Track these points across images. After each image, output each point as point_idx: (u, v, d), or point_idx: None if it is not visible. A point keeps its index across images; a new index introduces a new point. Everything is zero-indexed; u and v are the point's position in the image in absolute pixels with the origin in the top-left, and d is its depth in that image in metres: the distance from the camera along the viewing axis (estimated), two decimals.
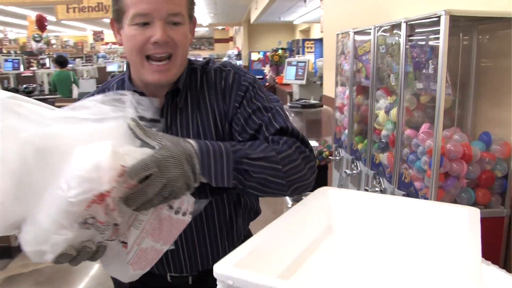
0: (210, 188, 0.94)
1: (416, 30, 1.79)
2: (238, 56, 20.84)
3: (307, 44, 13.29)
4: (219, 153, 0.93)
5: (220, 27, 26.38)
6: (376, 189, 2.08)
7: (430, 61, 1.61)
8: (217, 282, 0.72)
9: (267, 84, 10.30)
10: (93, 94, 1.18)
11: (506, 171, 1.69)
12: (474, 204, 1.68)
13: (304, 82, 6.41)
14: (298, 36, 18.38)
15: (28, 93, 7.50)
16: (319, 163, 3.94)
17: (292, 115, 4.01)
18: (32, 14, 12.48)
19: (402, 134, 1.85)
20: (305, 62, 6.49)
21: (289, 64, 6.81)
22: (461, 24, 1.81)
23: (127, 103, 0.87)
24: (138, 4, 1.04)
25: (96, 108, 0.85)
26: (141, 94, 1.12)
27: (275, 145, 1.05)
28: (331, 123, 3.57)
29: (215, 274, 0.71)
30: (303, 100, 4.34)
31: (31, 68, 11.21)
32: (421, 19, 1.69)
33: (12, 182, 0.75)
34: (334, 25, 3.86)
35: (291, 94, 7.37)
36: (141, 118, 0.87)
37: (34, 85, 7.55)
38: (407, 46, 1.79)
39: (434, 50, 1.63)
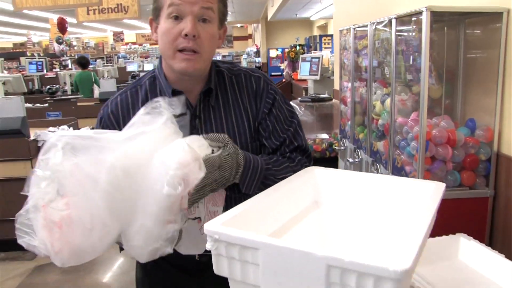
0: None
1: (406, 26, 1.91)
2: (257, 53, 20.92)
3: (324, 39, 13.34)
4: (256, 169, 1.15)
5: (238, 25, 26.44)
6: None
7: (416, 53, 1.74)
8: (207, 238, 0.86)
9: (283, 80, 10.39)
10: (125, 92, 1.33)
11: (489, 154, 1.81)
12: (460, 185, 1.81)
13: (318, 77, 6.51)
14: (316, 32, 18.35)
15: (52, 94, 7.74)
16: (329, 155, 4.07)
17: (303, 109, 4.14)
18: (54, 17, 12.78)
19: (395, 123, 1.98)
20: (318, 58, 6.58)
21: (304, 60, 6.92)
22: (448, 18, 1.93)
23: (162, 108, 1.03)
24: None
25: (143, 120, 1.01)
26: (178, 92, 1.25)
27: (291, 163, 1.28)
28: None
29: (205, 231, 0.85)
30: (314, 94, 4.46)
31: (54, 70, 11.54)
32: (406, 15, 1.82)
33: (108, 204, 0.91)
34: (344, 21, 3.97)
35: (306, 89, 7.48)
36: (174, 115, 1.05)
37: (57, 86, 7.77)
38: (397, 41, 1.92)
39: (420, 44, 1.75)
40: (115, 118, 1.29)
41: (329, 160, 3.93)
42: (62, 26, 11.79)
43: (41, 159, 0.92)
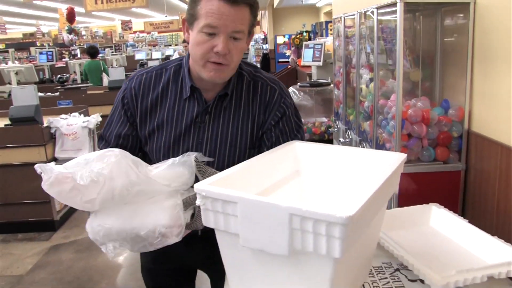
0: None
1: (386, 16, 2.07)
2: (264, 40, 20.87)
3: (331, 26, 13.31)
4: None
5: None
6: None
7: (394, 41, 1.90)
8: (197, 195, 1.01)
9: (289, 66, 10.47)
10: (151, 71, 1.42)
11: (461, 132, 1.98)
12: (434, 160, 1.97)
13: (321, 63, 6.60)
14: (323, 18, 18.26)
15: (62, 83, 7.84)
16: (327, 137, 4.24)
17: (302, 94, 4.28)
18: (63, 7, 12.87)
19: (378, 104, 2.15)
20: (321, 44, 6.68)
21: (307, 46, 7.01)
22: (426, 7, 2.08)
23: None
24: (210, 17, 1.20)
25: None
26: (196, 89, 1.35)
27: None
28: None
29: (195, 189, 1.00)
30: (313, 80, 4.60)
31: (64, 59, 11.68)
32: (385, 5, 1.98)
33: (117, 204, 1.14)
34: (342, 9, 4.09)
35: (309, 75, 7.57)
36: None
37: (67, 75, 7.91)
38: (378, 29, 2.08)
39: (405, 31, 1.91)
40: (135, 94, 1.39)
41: (326, 141, 4.09)
42: (70, 15, 11.88)
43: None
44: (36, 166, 1.08)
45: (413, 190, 1.96)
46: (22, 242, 4.31)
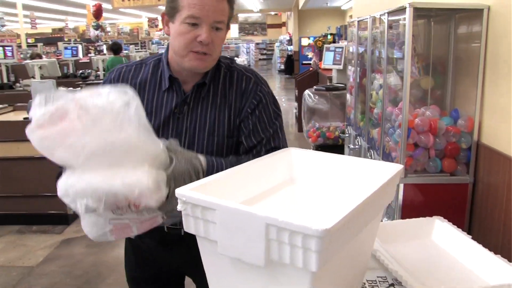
0: None
1: (396, 21, 2.02)
2: (290, 41, 20.86)
3: None
4: (220, 170, 1.20)
5: (272, 13, 26.33)
6: None
7: (403, 46, 1.85)
8: (178, 201, 1.00)
9: (311, 69, 10.42)
10: (131, 65, 1.45)
11: (470, 143, 1.91)
12: (441, 171, 1.91)
13: (341, 67, 6.53)
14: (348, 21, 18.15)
15: (84, 78, 7.96)
16: (341, 142, 4.19)
17: (317, 97, 4.24)
18: (91, 3, 13.09)
19: (385, 111, 2.10)
20: (342, 47, 6.61)
21: (328, 49, 6.96)
22: (439, 13, 2.02)
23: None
24: (193, 9, 1.25)
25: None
26: (175, 79, 1.38)
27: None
28: None
29: (176, 194, 0.98)
30: (331, 84, 4.55)
31: (89, 55, 11.88)
32: (396, 10, 1.93)
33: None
34: (360, 12, 4.04)
35: (330, 78, 7.52)
36: None
37: (89, 71, 8.03)
38: (388, 34, 2.02)
39: (414, 37, 1.86)
40: (114, 85, 1.36)
41: (339, 147, 4.04)
42: (97, 12, 12.07)
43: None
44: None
45: (417, 202, 1.90)
46: (36, 234, 4.39)
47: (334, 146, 4.16)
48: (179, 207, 1.00)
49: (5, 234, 4.39)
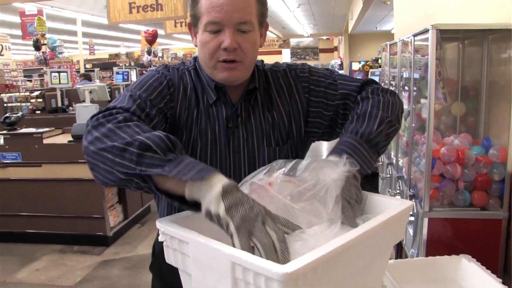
0: None
1: (423, 43, 1.91)
2: (341, 66, 20.78)
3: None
4: (359, 150, 1.08)
5: (324, 37, 26.39)
6: (397, 191, 2.20)
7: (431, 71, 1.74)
8: (159, 231, 0.96)
9: None
10: (177, 69, 1.26)
11: (503, 175, 1.74)
12: (471, 205, 1.76)
13: None
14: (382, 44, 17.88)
15: None
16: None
17: None
18: (146, 29, 13.61)
19: (413, 139, 1.98)
20: None
21: (373, 74, 6.88)
22: (471, 35, 1.90)
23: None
24: (211, 13, 1.12)
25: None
26: (221, 88, 1.23)
27: (369, 101, 1.18)
28: None
29: (157, 225, 0.96)
30: None
31: None
32: (421, 33, 1.83)
33: None
34: (400, 35, 3.93)
35: None
36: None
37: None
38: (415, 58, 1.92)
39: (438, 60, 1.75)
40: (177, 86, 1.24)
41: (374, 174, 3.89)
42: (150, 38, 12.54)
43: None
44: None
45: (444, 238, 1.76)
46: (76, 254, 4.49)
47: (373, 173, 4.00)
48: (160, 238, 0.97)
49: (48, 252, 4.52)
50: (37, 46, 9.83)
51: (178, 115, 1.22)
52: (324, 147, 7.49)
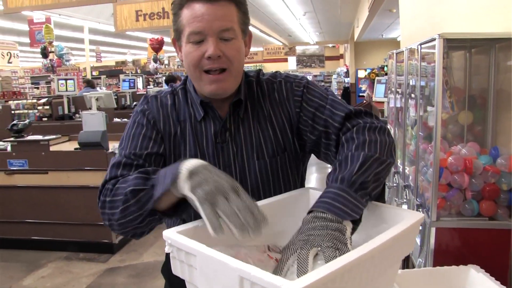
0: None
1: (429, 53, 1.91)
2: (346, 73, 20.78)
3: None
4: (341, 197, 0.97)
5: (330, 45, 26.42)
6: (404, 200, 2.19)
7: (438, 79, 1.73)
8: (166, 242, 0.96)
9: (364, 102, 10.25)
10: (166, 95, 1.28)
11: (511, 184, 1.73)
12: (479, 215, 1.74)
13: None
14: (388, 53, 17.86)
15: None
16: None
17: None
18: (151, 37, 13.69)
19: (419, 148, 1.97)
20: None
21: (379, 82, 6.84)
22: (478, 44, 1.89)
23: None
24: (192, 23, 1.13)
25: None
26: (207, 104, 1.23)
27: (353, 143, 1.09)
28: None
29: (163, 236, 0.95)
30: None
31: (148, 87, 12.38)
32: (427, 42, 1.82)
33: None
34: (406, 43, 3.92)
35: (382, 111, 7.35)
36: None
37: None
38: (421, 67, 1.91)
39: (445, 69, 1.75)
40: (156, 114, 1.26)
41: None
42: (156, 45, 12.60)
43: None
44: None
45: (451, 248, 1.74)
46: (82, 262, 4.50)
47: None
48: (166, 249, 0.97)
49: (54, 259, 4.54)
50: (44, 54, 9.93)
51: (167, 139, 1.26)
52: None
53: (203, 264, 0.87)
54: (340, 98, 1.24)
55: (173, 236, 0.94)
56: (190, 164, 0.96)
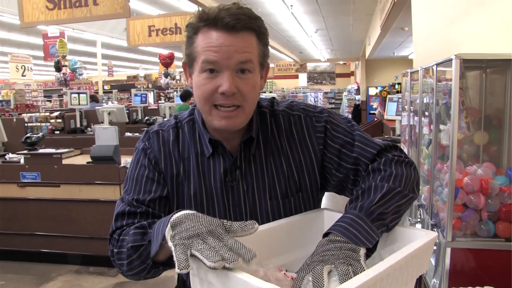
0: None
1: (445, 73, 1.92)
2: (357, 91, 20.80)
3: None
4: (357, 224, 0.96)
5: (341, 62, 26.50)
6: (418, 219, 2.18)
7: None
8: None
9: (375, 119, 10.24)
10: (167, 130, 1.21)
11: None
12: (495, 236, 1.73)
13: None
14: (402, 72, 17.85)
15: (149, 124, 8.26)
16: None
17: None
18: (163, 52, 13.82)
19: (434, 168, 1.96)
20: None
21: (391, 100, 6.84)
22: (494, 64, 1.90)
23: None
24: (208, 52, 1.03)
25: None
26: (216, 141, 1.16)
27: (379, 174, 1.08)
28: None
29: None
30: (387, 136, 4.41)
31: (159, 102, 12.47)
32: (442, 62, 1.83)
33: None
34: (420, 63, 3.93)
35: (393, 129, 7.35)
36: None
37: (154, 117, 8.33)
38: (437, 87, 1.92)
39: (461, 89, 1.75)
40: (157, 153, 1.20)
41: None
42: (166, 60, 12.71)
43: None
44: None
45: (467, 269, 1.73)
46: (92, 275, 4.49)
47: None
48: (177, 270, 0.97)
49: (64, 273, 4.53)
50: (58, 67, 10.05)
51: (169, 180, 1.19)
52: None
53: (223, 282, 0.87)
54: (364, 133, 1.21)
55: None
56: (174, 216, 0.91)
